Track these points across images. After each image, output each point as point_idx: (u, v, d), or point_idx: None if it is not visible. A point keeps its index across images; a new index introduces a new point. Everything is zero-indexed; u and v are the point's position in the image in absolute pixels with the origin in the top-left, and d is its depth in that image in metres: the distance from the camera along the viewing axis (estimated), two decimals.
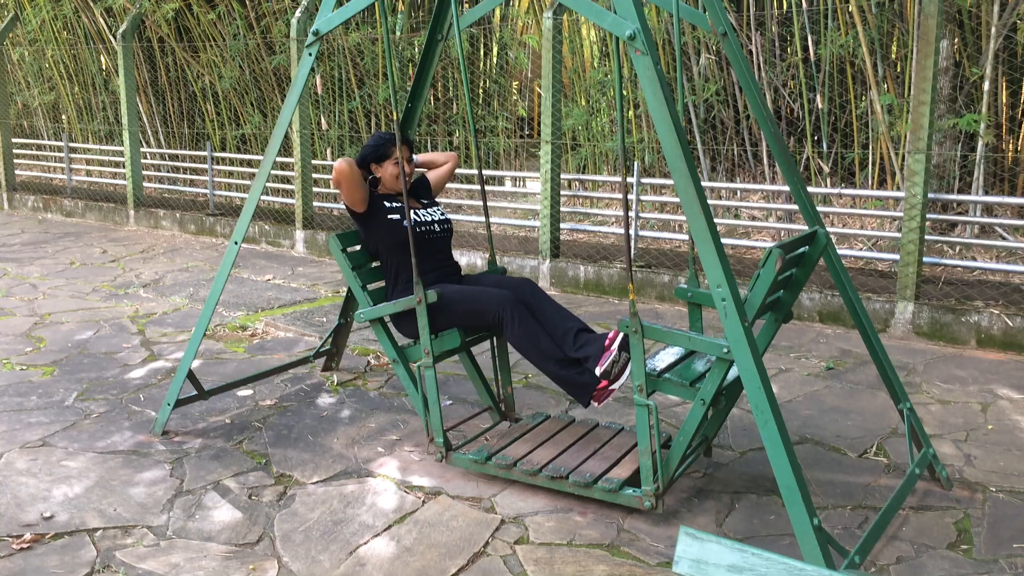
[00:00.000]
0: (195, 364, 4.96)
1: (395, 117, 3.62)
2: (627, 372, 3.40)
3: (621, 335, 3.40)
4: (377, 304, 3.86)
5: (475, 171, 8.85)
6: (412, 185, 4.23)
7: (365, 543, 3.11)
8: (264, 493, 3.52)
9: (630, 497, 3.24)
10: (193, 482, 3.61)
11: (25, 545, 3.07)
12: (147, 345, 5.54)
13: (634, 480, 3.34)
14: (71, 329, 5.89)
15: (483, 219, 8.43)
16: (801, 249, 3.28)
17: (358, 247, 4.06)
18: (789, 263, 3.18)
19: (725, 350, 2.97)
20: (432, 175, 4.40)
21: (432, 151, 10.16)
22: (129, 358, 5.27)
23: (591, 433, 3.80)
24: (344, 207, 3.96)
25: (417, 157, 4.30)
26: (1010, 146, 6.98)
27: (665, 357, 3.49)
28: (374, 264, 4.05)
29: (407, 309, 3.71)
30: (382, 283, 4.04)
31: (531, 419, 4.00)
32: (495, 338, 4.03)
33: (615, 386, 3.45)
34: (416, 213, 3.99)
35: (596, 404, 3.52)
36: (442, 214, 4.12)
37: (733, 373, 3.24)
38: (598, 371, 3.43)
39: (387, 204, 3.98)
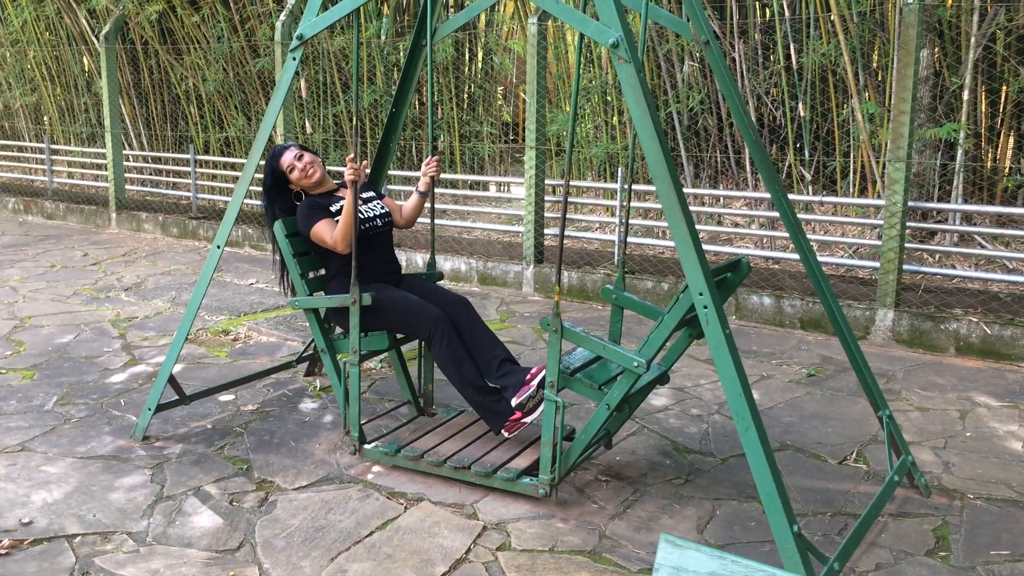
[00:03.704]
0: (176, 369, 4.94)
1: (355, 123, 3.61)
2: (541, 408, 3.54)
3: (543, 374, 3.52)
4: (314, 293, 3.98)
5: (457, 176, 8.86)
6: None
7: (347, 550, 3.11)
8: (245, 499, 3.50)
9: (527, 486, 3.42)
10: (173, 488, 3.59)
11: (3, 551, 3.05)
12: (128, 349, 5.50)
13: (533, 470, 3.52)
14: (51, 333, 5.84)
15: (466, 224, 8.44)
16: (724, 275, 3.41)
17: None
18: None
19: (635, 364, 3.10)
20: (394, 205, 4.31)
21: (416, 156, 10.15)
22: (110, 362, 5.23)
23: None
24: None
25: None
26: (989, 155, 7.05)
27: (583, 355, 3.58)
28: (314, 253, 4.07)
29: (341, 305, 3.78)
30: (322, 271, 4.09)
31: (445, 413, 4.20)
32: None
33: (528, 419, 3.60)
34: (360, 209, 3.96)
35: (507, 434, 3.66)
36: (383, 208, 4.12)
37: (641, 383, 3.38)
38: (514, 402, 3.58)
39: (329, 207, 3.96)
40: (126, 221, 10.34)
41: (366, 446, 3.78)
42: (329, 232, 3.83)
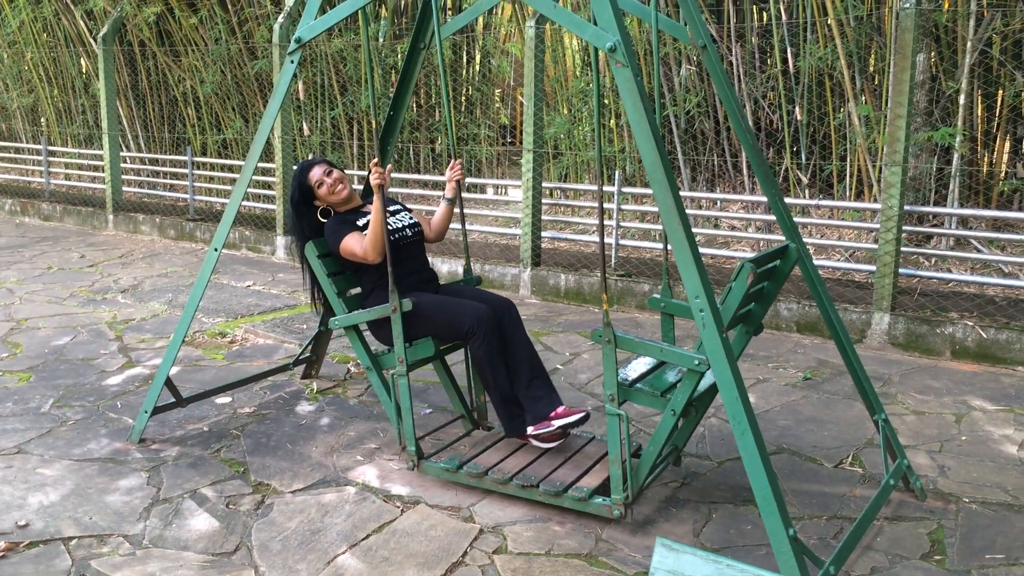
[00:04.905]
0: (173, 371, 4.94)
1: (374, 126, 3.62)
2: (555, 444, 3.67)
3: (569, 419, 3.55)
4: (352, 311, 3.86)
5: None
6: (367, 194, 4.24)
7: (343, 553, 3.11)
8: (242, 502, 3.50)
9: (600, 506, 3.27)
10: (170, 490, 3.59)
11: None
12: (125, 351, 5.50)
13: (604, 489, 3.38)
14: (48, 335, 5.84)
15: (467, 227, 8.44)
16: (773, 263, 3.33)
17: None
18: (761, 276, 3.23)
19: (696, 362, 3.01)
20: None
21: (414, 158, 10.16)
22: (106, 364, 5.23)
23: (562, 442, 3.82)
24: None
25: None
26: (985, 159, 7.08)
27: (637, 367, 3.51)
28: (348, 271, 4.02)
29: (382, 317, 3.71)
30: (357, 289, 4.02)
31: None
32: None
33: (542, 445, 3.69)
34: (388, 221, 3.94)
35: (516, 438, 3.77)
36: (411, 218, 4.10)
37: (704, 384, 3.28)
38: (529, 431, 3.66)
39: (356, 223, 3.93)
40: (123, 223, 10.34)
41: (425, 461, 3.65)
42: (359, 243, 3.77)
